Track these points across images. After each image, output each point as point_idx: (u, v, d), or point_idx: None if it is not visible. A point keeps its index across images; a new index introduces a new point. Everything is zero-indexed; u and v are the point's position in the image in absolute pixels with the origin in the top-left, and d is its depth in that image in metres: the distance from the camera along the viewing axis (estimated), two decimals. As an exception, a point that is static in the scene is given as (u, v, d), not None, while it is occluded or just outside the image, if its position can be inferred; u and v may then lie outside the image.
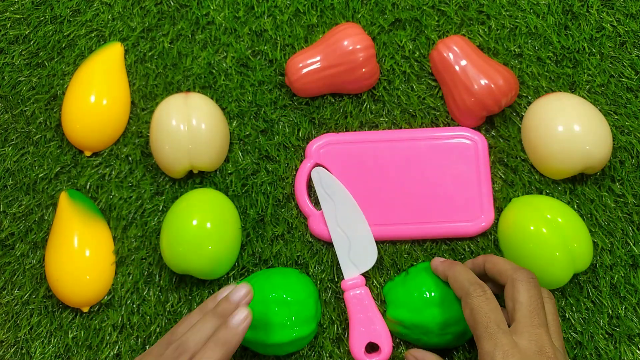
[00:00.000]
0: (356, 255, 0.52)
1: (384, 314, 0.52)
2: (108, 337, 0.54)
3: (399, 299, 0.50)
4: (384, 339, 0.50)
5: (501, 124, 0.55)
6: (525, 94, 0.55)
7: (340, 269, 0.52)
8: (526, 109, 0.55)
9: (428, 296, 0.48)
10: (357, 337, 0.50)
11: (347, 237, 0.52)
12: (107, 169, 0.57)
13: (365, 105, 0.57)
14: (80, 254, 0.53)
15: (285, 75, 0.56)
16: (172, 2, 0.60)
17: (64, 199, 0.55)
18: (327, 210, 0.53)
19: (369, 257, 0.52)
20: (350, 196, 0.53)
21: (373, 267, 0.53)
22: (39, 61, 0.60)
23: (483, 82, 0.52)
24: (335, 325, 0.53)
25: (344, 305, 0.52)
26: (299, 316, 0.49)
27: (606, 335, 0.51)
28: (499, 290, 0.46)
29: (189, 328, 0.43)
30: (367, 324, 0.50)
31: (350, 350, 0.50)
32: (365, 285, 0.52)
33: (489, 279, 0.47)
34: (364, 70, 0.54)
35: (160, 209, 0.56)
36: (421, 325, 0.48)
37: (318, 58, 0.54)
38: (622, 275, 0.51)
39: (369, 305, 0.51)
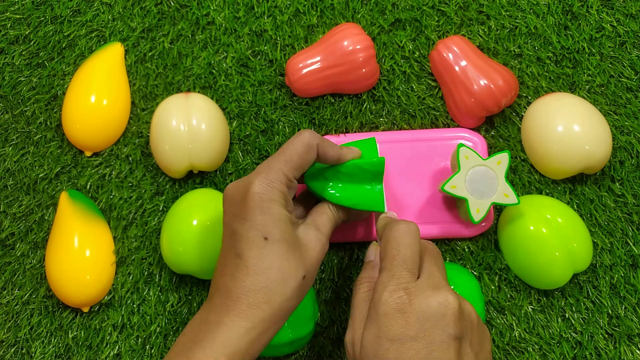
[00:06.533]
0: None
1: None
2: (108, 337, 0.54)
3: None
4: None
5: (501, 124, 0.55)
6: (525, 94, 0.55)
7: (340, 270, 0.52)
8: (526, 109, 0.55)
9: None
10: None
11: None
12: (108, 169, 0.57)
13: (365, 105, 0.57)
14: (81, 254, 0.53)
15: (285, 76, 0.56)
16: (172, 3, 0.60)
17: (64, 199, 0.55)
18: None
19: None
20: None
21: (373, 267, 0.53)
22: (40, 61, 0.60)
23: (483, 82, 0.52)
24: (336, 325, 0.53)
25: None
26: (296, 317, 0.49)
27: (606, 335, 0.51)
28: None
29: None
30: None
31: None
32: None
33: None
34: (364, 70, 0.54)
35: (160, 209, 0.56)
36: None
37: (318, 58, 0.54)
38: (622, 275, 0.51)
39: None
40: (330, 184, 0.46)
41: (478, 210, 0.48)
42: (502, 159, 0.49)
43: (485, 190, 0.49)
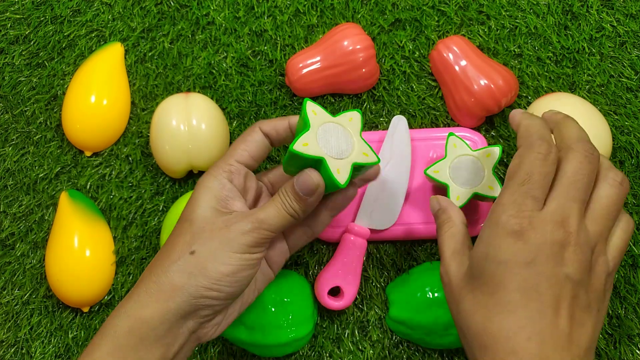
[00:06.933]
0: (377, 211, 0.52)
1: (386, 314, 0.52)
2: (108, 337, 0.54)
3: (402, 300, 0.50)
4: (351, 291, 0.51)
5: (501, 124, 0.55)
6: (525, 94, 0.55)
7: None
8: (526, 109, 0.55)
9: (431, 296, 0.48)
10: (330, 275, 0.51)
11: (381, 189, 0.52)
12: (107, 169, 0.57)
13: (365, 105, 0.57)
14: (81, 254, 0.53)
15: (285, 76, 0.56)
16: (172, 2, 0.60)
17: (64, 199, 0.55)
18: (383, 155, 0.52)
19: (386, 219, 0.52)
20: (409, 161, 0.52)
21: (373, 268, 0.53)
22: (39, 61, 0.60)
23: (483, 82, 0.52)
24: (335, 325, 0.53)
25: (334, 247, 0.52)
26: (296, 317, 0.49)
27: (606, 335, 0.51)
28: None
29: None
30: (345, 269, 0.51)
31: (316, 283, 0.51)
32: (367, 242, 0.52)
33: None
34: (364, 70, 0.54)
35: (160, 209, 0.56)
36: (424, 326, 0.48)
37: (318, 58, 0.54)
38: (622, 275, 0.51)
39: (358, 257, 0.51)
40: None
41: (458, 197, 0.47)
42: (493, 153, 0.48)
43: (469, 179, 0.48)
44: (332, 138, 0.40)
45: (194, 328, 0.39)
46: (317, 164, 0.39)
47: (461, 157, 0.49)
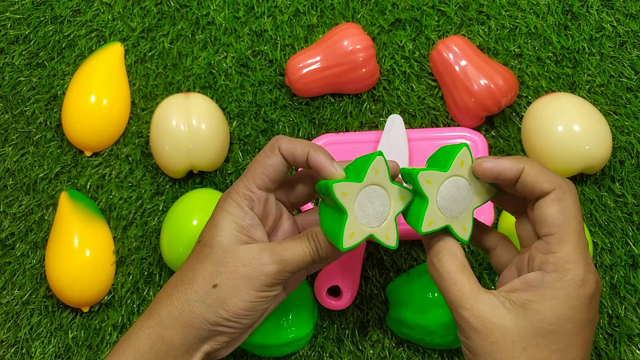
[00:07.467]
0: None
1: (386, 314, 0.52)
2: (108, 337, 0.54)
3: (402, 300, 0.50)
4: (350, 290, 0.51)
5: (501, 124, 0.55)
6: (525, 94, 0.55)
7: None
8: (526, 109, 0.55)
9: (431, 297, 0.48)
10: (329, 275, 0.51)
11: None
12: (107, 169, 0.57)
13: (365, 105, 0.57)
14: (81, 254, 0.53)
15: (285, 76, 0.56)
16: (172, 2, 0.60)
17: (64, 199, 0.55)
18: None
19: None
20: (406, 160, 0.52)
21: (373, 268, 0.53)
22: (39, 61, 0.60)
23: (483, 82, 0.52)
24: (335, 325, 0.53)
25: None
26: (296, 317, 0.49)
27: (606, 335, 0.51)
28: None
29: None
30: (344, 269, 0.51)
31: (315, 282, 0.51)
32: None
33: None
34: (364, 70, 0.54)
35: (160, 209, 0.56)
36: (424, 326, 0.48)
37: (318, 58, 0.54)
38: (622, 275, 0.51)
39: (358, 257, 0.51)
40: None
41: (464, 228, 0.38)
42: (464, 158, 0.38)
43: (461, 204, 0.38)
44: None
45: (210, 350, 0.40)
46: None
47: (441, 189, 0.37)
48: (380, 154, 0.38)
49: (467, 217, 0.38)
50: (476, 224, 0.42)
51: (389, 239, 0.38)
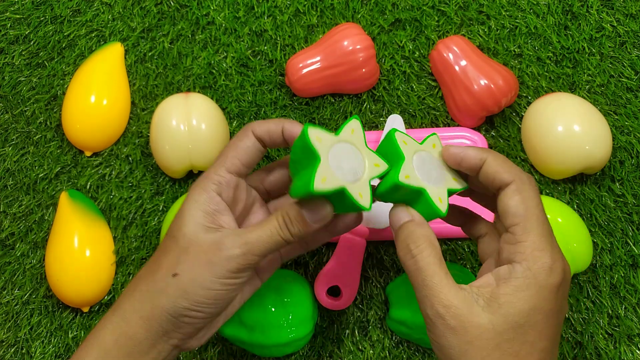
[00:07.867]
0: (376, 209, 0.51)
1: (386, 314, 0.52)
2: (108, 337, 0.54)
3: (402, 299, 0.50)
4: (350, 290, 0.51)
5: (501, 124, 0.55)
6: (525, 94, 0.55)
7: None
8: (526, 109, 0.55)
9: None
10: (329, 275, 0.51)
11: None
12: (107, 169, 0.57)
13: (365, 105, 0.57)
14: (81, 254, 0.53)
15: (285, 76, 0.56)
16: (172, 2, 0.60)
17: (64, 199, 0.55)
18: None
19: (385, 218, 0.49)
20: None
21: (373, 268, 0.53)
22: (39, 61, 0.60)
23: (483, 82, 0.52)
24: (335, 325, 0.53)
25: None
26: (296, 317, 0.49)
27: (606, 335, 0.51)
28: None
29: None
30: (344, 269, 0.51)
31: (315, 282, 0.51)
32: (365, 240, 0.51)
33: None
34: (364, 70, 0.54)
35: (160, 209, 0.56)
36: (424, 326, 0.48)
37: (318, 58, 0.54)
38: (622, 275, 0.51)
39: (357, 257, 0.51)
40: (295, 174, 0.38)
41: (440, 199, 0.37)
42: (435, 142, 0.40)
43: (437, 176, 0.38)
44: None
45: (177, 343, 0.39)
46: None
47: (420, 154, 0.38)
48: (357, 117, 0.38)
49: (443, 190, 0.38)
50: (467, 212, 0.42)
51: (363, 198, 0.36)
